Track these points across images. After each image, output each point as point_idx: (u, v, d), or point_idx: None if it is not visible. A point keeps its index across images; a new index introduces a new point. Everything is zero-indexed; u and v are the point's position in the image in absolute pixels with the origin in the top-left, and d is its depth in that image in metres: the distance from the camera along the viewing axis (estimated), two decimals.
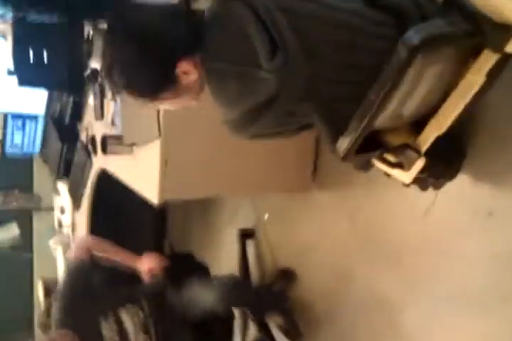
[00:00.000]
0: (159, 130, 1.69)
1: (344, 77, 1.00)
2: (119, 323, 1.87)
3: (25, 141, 2.96)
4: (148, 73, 1.01)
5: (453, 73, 1.03)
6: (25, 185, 3.10)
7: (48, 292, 2.88)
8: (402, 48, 0.87)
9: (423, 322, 1.64)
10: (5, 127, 2.88)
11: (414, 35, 0.86)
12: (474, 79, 0.99)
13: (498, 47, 0.91)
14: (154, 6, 1.05)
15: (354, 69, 1.00)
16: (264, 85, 0.95)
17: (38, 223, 3.14)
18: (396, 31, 0.92)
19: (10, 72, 2.22)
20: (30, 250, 3.13)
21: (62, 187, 2.88)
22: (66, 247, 2.81)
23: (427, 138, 1.13)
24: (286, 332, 2.18)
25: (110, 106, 2.08)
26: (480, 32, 0.89)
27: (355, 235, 1.92)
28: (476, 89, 1.00)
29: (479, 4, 0.89)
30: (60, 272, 2.54)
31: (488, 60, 0.95)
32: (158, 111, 1.69)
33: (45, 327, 2.29)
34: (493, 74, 0.97)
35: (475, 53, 0.97)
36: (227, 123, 1.08)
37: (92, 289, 1.94)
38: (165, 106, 1.16)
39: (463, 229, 1.49)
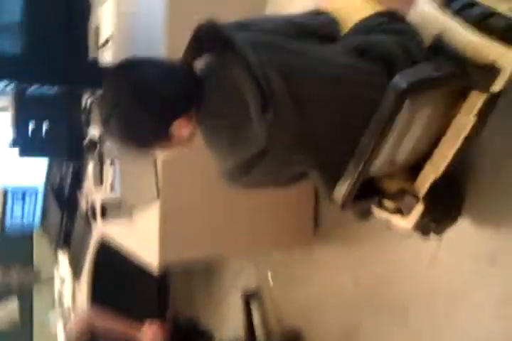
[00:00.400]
0: (158, 192, 1.69)
1: (337, 128, 1.02)
2: None
3: (25, 213, 2.95)
4: (145, 127, 1.03)
5: (443, 116, 1.05)
6: (26, 257, 3.05)
7: None
8: (391, 93, 0.89)
9: None
10: (5, 202, 2.89)
11: (401, 80, 0.89)
12: (465, 120, 1.01)
13: (485, 88, 0.93)
14: (156, 62, 1.09)
15: (347, 119, 1.01)
16: (256, 139, 0.97)
17: (38, 296, 3.06)
18: (387, 79, 0.94)
19: (11, 144, 2.26)
20: (30, 325, 3.02)
21: (63, 258, 2.84)
22: (66, 321, 2.71)
23: (424, 182, 1.13)
24: None
25: (109, 171, 2.10)
26: (466, 74, 0.92)
27: (359, 290, 1.87)
28: (467, 130, 1.02)
29: (463, 47, 0.92)
30: None
31: (476, 100, 0.97)
32: (157, 173, 1.70)
33: None
34: (483, 115, 0.99)
35: (463, 95, 0.99)
36: (222, 173, 1.10)
37: None
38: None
39: (467, 275, 1.46)
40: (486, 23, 0.90)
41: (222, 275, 2.92)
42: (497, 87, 0.93)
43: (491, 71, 0.90)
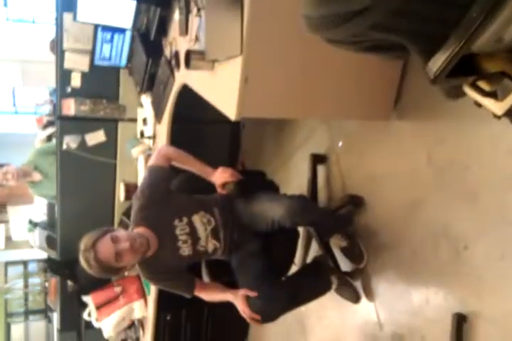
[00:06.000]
0: (242, 47, 1.67)
1: None
2: (192, 227, 2.01)
3: (113, 53, 3.05)
4: None
5: None
6: (112, 95, 3.23)
7: (129, 194, 3.11)
8: None
9: (488, 261, 1.62)
10: (95, 39, 2.98)
11: None
12: None
13: None
14: None
15: None
16: None
17: (122, 132, 3.30)
18: None
19: None
20: (115, 157, 3.34)
21: (146, 100, 2.99)
22: (147, 157, 2.98)
23: None
24: (347, 253, 2.25)
25: (195, 21, 2.07)
26: None
27: (431, 168, 1.87)
28: None
29: None
30: (141, 178, 2.72)
31: None
32: (243, 27, 1.66)
33: (125, 227, 2.51)
34: None
35: None
36: (306, 18, 1.05)
37: (170, 192, 2.07)
38: None
39: None
40: None
41: (295, 134, 3.00)
42: None
43: None
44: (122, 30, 2.96)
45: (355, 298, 2.30)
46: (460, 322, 1.69)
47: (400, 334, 2.03)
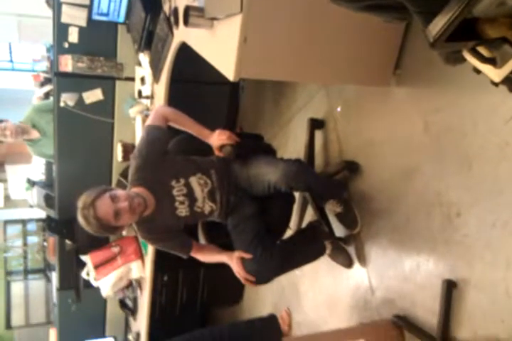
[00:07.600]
0: (241, 5, 1.62)
1: None
2: (189, 188, 2.00)
3: (111, 8, 2.97)
4: None
5: None
6: (110, 53, 3.15)
7: (126, 155, 3.10)
8: None
9: (479, 229, 1.63)
10: None
11: None
12: None
13: None
14: None
15: None
16: None
17: (119, 91, 3.24)
18: None
19: None
20: (112, 116, 3.30)
21: (144, 58, 2.93)
22: (145, 117, 2.95)
23: None
24: (341, 219, 2.26)
25: None
26: None
27: (427, 136, 1.86)
28: None
29: None
30: (138, 139, 2.69)
31: None
32: None
33: (123, 188, 2.50)
34: None
35: None
36: None
37: (167, 153, 2.05)
38: None
39: None
40: None
41: (294, 98, 2.96)
42: None
43: None
44: None
45: (348, 263, 2.33)
46: (450, 288, 1.72)
47: (391, 299, 2.07)
